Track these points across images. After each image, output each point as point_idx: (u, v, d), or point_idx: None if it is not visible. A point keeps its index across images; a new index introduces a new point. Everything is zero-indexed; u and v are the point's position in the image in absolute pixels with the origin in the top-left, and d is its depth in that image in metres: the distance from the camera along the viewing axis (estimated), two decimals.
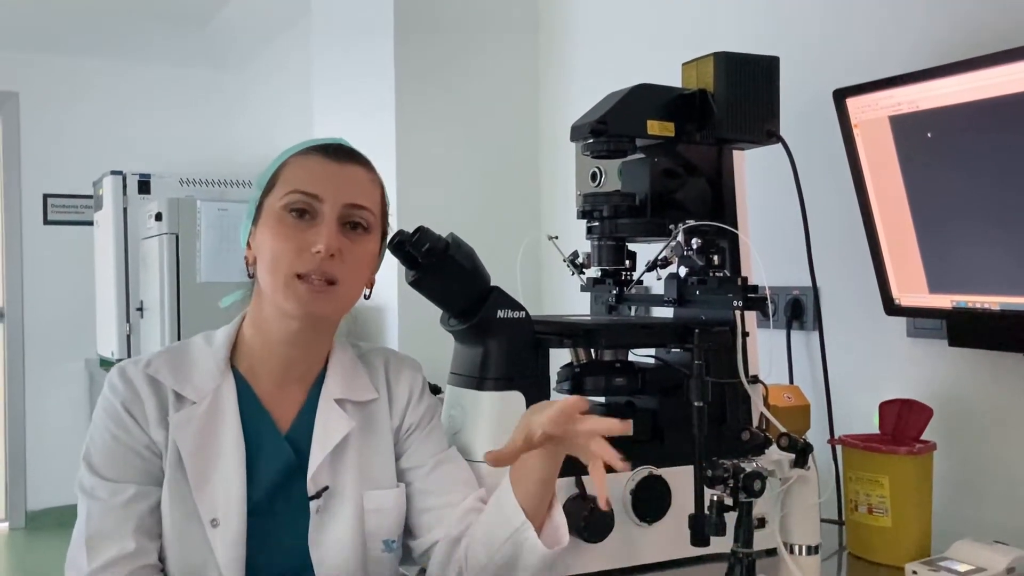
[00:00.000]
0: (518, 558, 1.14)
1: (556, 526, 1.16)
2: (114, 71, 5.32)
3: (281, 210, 1.17)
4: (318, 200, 1.17)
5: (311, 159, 1.21)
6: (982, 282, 1.42)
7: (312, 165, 1.20)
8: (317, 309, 1.17)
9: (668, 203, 1.49)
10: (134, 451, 1.16)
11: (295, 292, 1.15)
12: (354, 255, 1.18)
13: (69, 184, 5.20)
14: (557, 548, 1.15)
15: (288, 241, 1.15)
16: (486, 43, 2.74)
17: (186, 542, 1.15)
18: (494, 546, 1.15)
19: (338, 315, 1.24)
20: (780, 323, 1.89)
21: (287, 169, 1.20)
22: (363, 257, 1.20)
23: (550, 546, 1.14)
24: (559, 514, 1.17)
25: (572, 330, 1.43)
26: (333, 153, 1.21)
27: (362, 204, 1.19)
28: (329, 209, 1.17)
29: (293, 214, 1.17)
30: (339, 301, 1.19)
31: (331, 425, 1.22)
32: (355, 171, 1.21)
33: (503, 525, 1.14)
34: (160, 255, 3.44)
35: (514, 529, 1.13)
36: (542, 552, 1.13)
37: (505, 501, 1.15)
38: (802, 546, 1.20)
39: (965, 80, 1.38)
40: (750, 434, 1.18)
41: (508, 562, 1.15)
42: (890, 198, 1.52)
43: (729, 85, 1.46)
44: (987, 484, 1.55)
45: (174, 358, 1.21)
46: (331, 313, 1.21)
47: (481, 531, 1.18)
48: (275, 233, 1.17)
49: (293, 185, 1.18)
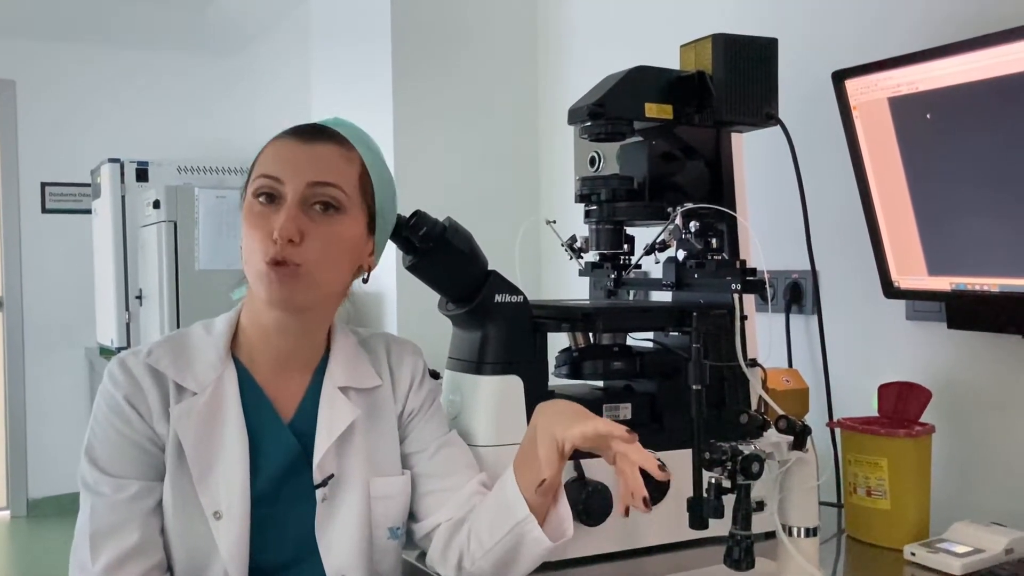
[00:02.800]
0: (520, 548, 1.14)
1: (561, 518, 1.16)
2: (112, 59, 5.30)
3: (251, 197, 1.15)
4: (279, 183, 1.13)
5: (281, 142, 1.17)
6: (981, 264, 1.42)
7: (279, 147, 1.17)
8: (284, 295, 1.12)
9: (666, 186, 1.48)
10: (137, 445, 1.14)
11: (264, 281, 1.12)
12: (322, 237, 1.12)
13: (67, 172, 5.20)
14: (561, 541, 1.15)
15: (256, 229, 1.13)
16: (485, 25, 2.73)
17: (189, 535, 1.14)
18: (496, 535, 1.14)
19: (314, 301, 1.17)
20: (779, 307, 1.88)
21: (261, 155, 1.18)
22: (334, 238, 1.14)
23: (554, 539, 1.14)
24: (564, 506, 1.16)
25: (570, 314, 1.42)
26: (303, 133, 1.17)
27: (328, 181, 1.13)
28: (291, 191, 1.12)
29: (261, 200, 1.14)
30: (307, 286, 1.13)
31: (336, 413, 1.21)
32: (323, 149, 1.16)
33: (506, 516, 1.14)
34: (159, 243, 3.44)
35: (517, 522, 1.13)
36: (546, 545, 1.13)
37: (509, 492, 1.14)
38: (800, 528, 1.19)
39: (964, 61, 1.37)
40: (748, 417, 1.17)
41: (510, 551, 1.14)
42: (889, 180, 1.52)
43: (728, 67, 1.46)
44: (986, 466, 1.55)
45: (174, 347, 1.20)
46: (303, 300, 1.15)
47: (484, 519, 1.17)
48: (247, 221, 1.14)
49: (261, 170, 1.15)
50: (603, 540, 1.31)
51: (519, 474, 1.15)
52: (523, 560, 1.15)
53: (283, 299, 1.13)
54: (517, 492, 1.14)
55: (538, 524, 1.12)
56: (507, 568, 1.15)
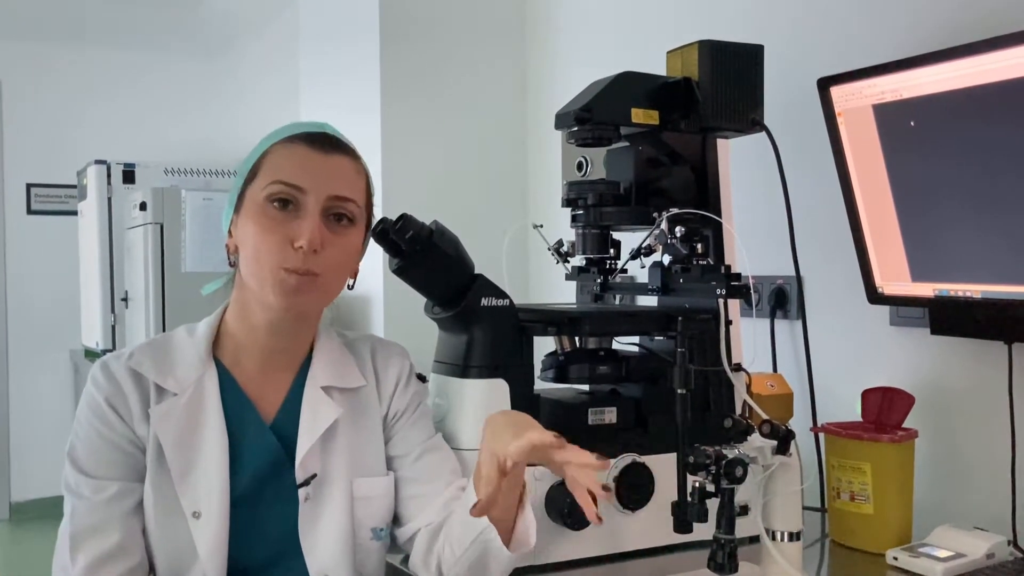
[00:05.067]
0: (487, 556, 1.14)
1: (525, 526, 1.16)
2: (99, 59, 5.28)
3: (264, 201, 1.15)
4: (301, 192, 1.14)
5: (295, 148, 1.18)
6: (964, 270, 1.43)
7: (296, 155, 1.17)
8: (299, 303, 1.16)
9: (652, 191, 1.49)
10: (118, 447, 1.15)
11: (279, 286, 1.13)
12: (338, 248, 1.16)
13: (53, 174, 5.17)
14: (522, 551, 1.15)
15: (271, 233, 1.13)
16: (473, 29, 2.73)
17: (169, 535, 1.14)
18: (464, 543, 1.15)
19: (320, 307, 1.23)
20: (764, 312, 1.89)
21: (270, 157, 1.18)
22: (347, 249, 1.18)
23: (515, 549, 1.14)
24: (528, 513, 1.17)
25: (556, 318, 1.43)
26: (319, 143, 1.19)
27: (347, 196, 1.17)
28: (313, 202, 1.14)
29: (276, 205, 1.15)
30: (322, 294, 1.18)
31: (318, 412, 1.21)
32: (340, 161, 1.19)
33: (471, 526, 1.14)
34: (145, 245, 3.42)
35: (478, 532, 1.13)
36: (507, 555, 1.13)
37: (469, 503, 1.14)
38: (784, 532, 1.20)
39: (948, 68, 1.38)
40: (733, 421, 1.18)
41: (478, 559, 1.15)
42: (873, 187, 1.53)
43: (714, 73, 1.46)
44: (968, 471, 1.56)
45: (156, 351, 1.20)
46: (314, 306, 1.21)
47: (456, 528, 1.17)
48: (258, 224, 1.14)
49: (276, 175, 1.15)
50: (587, 544, 1.31)
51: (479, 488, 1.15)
52: (492, 568, 1.15)
53: (294, 305, 1.16)
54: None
55: (498, 534, 1.12)
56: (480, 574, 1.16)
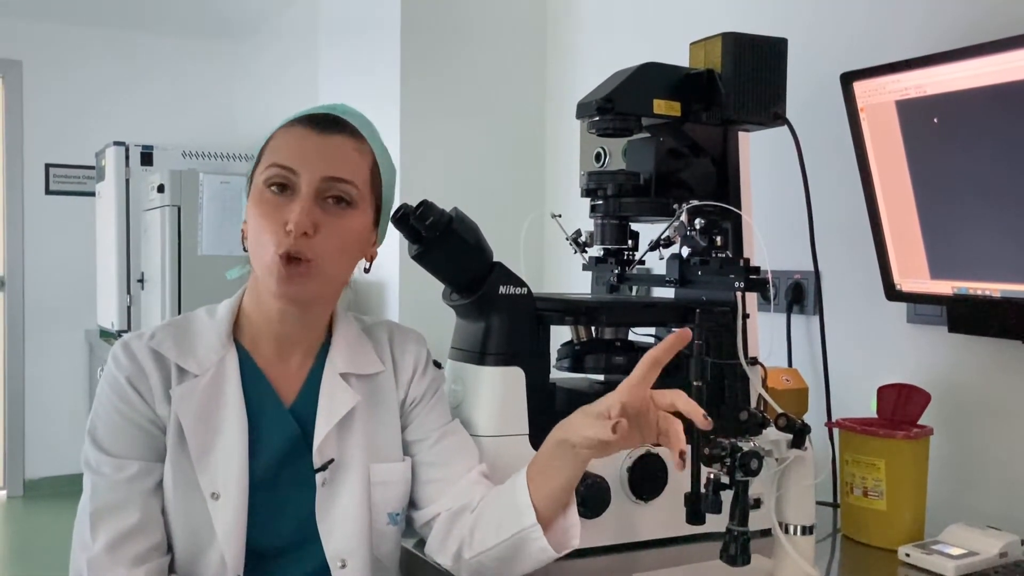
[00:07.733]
0: (523, 551, 1.13)
1: (568, 527, 1.15)
2: (119, 41, 5.31)
3: (262, 185, 1.15)
4: (294, 174, 1.13)
5: (294, 130, 1.17)
6: (984, 268, 1.42)
7: (293, 136, 1.16)
8: (294, 291, 1.13)
9: (672, 183, 1.48)
10: (139, 426, 1.15)
11: (274, 272, 1.12)
12: (334, 231, 1.14)
13: (71, 154, 5.20)
14: (565, 551, 1.14)
15: (267, 218, 1.13)
16: (494, 19, 2.73)
17: (187, 516, 1.14)
18: (502, 536, 1.14)
19: (319, 295, 1.19)
20: (781, 307, 1.89)
21: (272, 141, 1.18)
22: (345, 233, 1.15)
23: (558, 549, 1.13)
24: (573, 514, 1.16)
25: (574, 307, 1.43)
26: (318, 123, 1.17)
27: (342, 177, 1.14)
28: (305, 183, 1.12)
29: (273, 189, 1.14)
30: (317, 281, 1.14)
31: (336, 398, 1.21)
32: (338, 141, 1.16)
33: (513, 519, 1.13)
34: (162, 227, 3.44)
35: (523, 527, 1.12)
36: (550, 554, 1.12)
37: (519, 496, 1.13)
38: (797, 526, 1.20)
39: (972, 66, 1.37)
40: (748, 414, 1.18)
41: (512, 553, 1.14)
42: (894, 183, 1.52)
43: (737, 66, 1.46)
44: (982, 470, 1.56)
45: (177, 331, 1.20)
46: (309, 294, 1.16)
47: (492, 518, 1.16)
48: (257, 209, 1.14)
49: (273, 158, 1.15)
50: (601, 533, 1.32)
51: (532, 482, 1.14)
52: (524, 562, 1.14)
53: (292, 294, 1.14)
54: (527, 499, 1.12)
55: (543, 533, 1.11)
56: (507, 566, 1.15)
